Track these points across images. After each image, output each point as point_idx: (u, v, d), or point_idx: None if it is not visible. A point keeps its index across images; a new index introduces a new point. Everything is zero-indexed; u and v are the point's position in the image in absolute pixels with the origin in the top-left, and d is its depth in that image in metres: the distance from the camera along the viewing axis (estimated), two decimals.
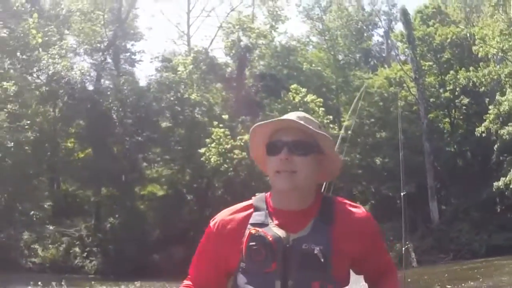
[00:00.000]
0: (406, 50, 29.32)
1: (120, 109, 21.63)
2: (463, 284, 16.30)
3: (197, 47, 25.70)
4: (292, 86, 22.89)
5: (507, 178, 22.91)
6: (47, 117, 21.69)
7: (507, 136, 23.46)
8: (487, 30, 24.93)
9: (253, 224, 2.12)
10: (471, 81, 25.95)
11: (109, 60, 24.31)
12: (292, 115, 2.18)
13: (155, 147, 23.69)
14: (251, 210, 2.20)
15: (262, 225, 2.11)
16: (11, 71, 19.44)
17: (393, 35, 32.64)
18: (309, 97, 21.67)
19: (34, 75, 21.09)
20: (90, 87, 21.48)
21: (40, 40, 19.69)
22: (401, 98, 29.26)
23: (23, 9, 20.17)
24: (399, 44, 31.11)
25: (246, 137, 20.27)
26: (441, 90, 28.63)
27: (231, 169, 20.02)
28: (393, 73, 29.77)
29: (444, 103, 29.00)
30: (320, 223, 2.10)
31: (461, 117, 29.27)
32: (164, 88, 21.94)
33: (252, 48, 23.55)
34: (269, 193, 2.23)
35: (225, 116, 19.74)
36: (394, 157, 26.78)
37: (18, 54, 19.61)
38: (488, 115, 24.45)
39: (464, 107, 28.64)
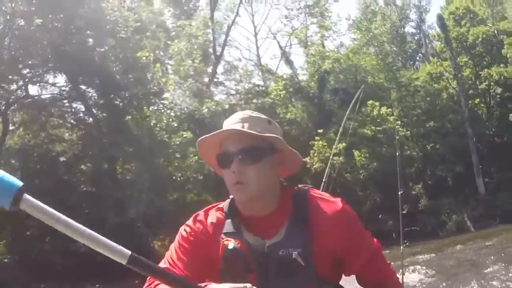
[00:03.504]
0: (444, 49, 34.35)
1: None
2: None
3: (286, 74, 31.41)
4: (369, 102, 27.32)
5: None
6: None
7: None
8: None
9: (226, 234, 2.04)
10: (502, 76, 31.03)
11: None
12: (236, 117, 2.10)
13: None
14: (224, 216, 2.12)
15: (235, 234, 2.03)
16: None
17: (431, 35, 37.95)
18: (383, 110, 26.99)
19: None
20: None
21: (171, 88, 25.12)
22: (443, 91, 34.64)
23: (148, 61, 25.29)
24: (436, 43, 36.16)
25: (340, 145, 25.49)
26: (477, 82, 32.96)
27: (333, 172, 25.04)
28: (434, 69, 34.71)
29: (481, 93, 33.38)
30: (295, 224, 2.01)
31: (496, 104, 33.53)
32: (262, 109, 27.05)
33: (330, 72, 29.06)
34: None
35: (320, 130, 24.73)
36: (442, 143, 31.82)
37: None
38: None
39: (498, 96, 33.13)
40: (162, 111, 24.67)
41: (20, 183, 1.38)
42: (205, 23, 30.52)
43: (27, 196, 1.39)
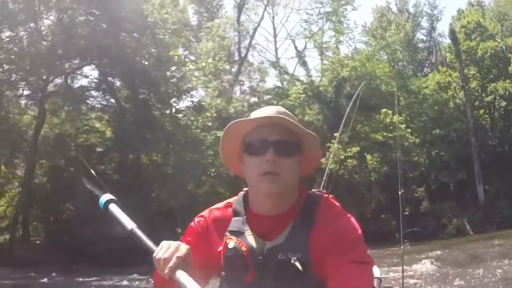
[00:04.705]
0: (453, 60, 35.91)
1: None
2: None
3: (307, 79, 33.23)
4: (383, 111, 29.03)
5: None
6: None
7: None
8: None
9: (231, 232, 2.04)
10: (507, 91, 32.76)
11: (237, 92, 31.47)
12: (271, 110, 2.06)
13: None
14: (231, 213, 2.11)
15: (239, 233, 2.02)
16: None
17: (442, 45, 39.61)
18: (395, 118, 28.62)
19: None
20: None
21: (198, 84, 26.74)
22: (450, 100, 36.25)
23: (179, 60, 26.85)
24: (447, 54, 37.76)
25: (354, 149, 27.15)
26: (483, 94, 34.57)
27: (346, 173, 27.29)
28: (442, 78, 36.32)
29: (486, 105, 34.98)
30: (298, 228, 1.97)
31: (500, 116, 35.13)
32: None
33: (347, 79, 30.85)
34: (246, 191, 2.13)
35: (336, 134, 26.19)
36: (447, 150, 33.15)
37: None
38: None
39: (502, 109, 34.70)
40: (192, 110, 26.23)
41: (110, 197, 2.26)
42: (230, 25, 32.10)
43: (113, 204, 2.22)
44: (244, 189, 2.17)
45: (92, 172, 2.47)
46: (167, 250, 1.84)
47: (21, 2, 24.16)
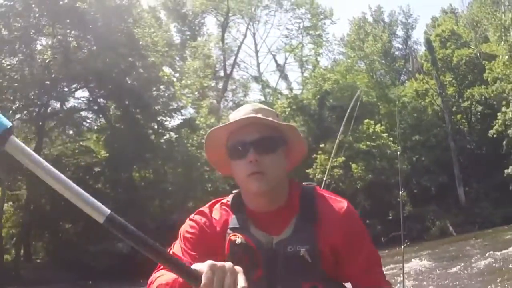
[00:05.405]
0: (430, 67, 37.27)
1: None
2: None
3: (290, 92, 34.43)
4: (366, 121, 30.14)
5: None
6: None
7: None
8: (496, 63, 32.85)
9: (233, 229, 2.01)
10: (483, 96, 34.12)
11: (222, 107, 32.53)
12: (246, 109, 2.07)
13: None
14: (229, 211, 2.08)
15: (242, 229, 2.00)
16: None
17: (419, 57, 41.05)
18: (377, 127, 29.88)
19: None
20: None
21: (189, 103, 27.80)
22: (428, 107, 37.42)
23: (168, 80, 27.86)
24: (423, 62, 38.94)
25: (340, 159, 28.24)
26: (460, 100, 35.98)
27: (333, 182, 28.17)
28: (420, 86, 37.67)
29: (463, 111, 36.39)
30: (303, 221, 1.99)
31: (476, 120, 36.65)
32: None
33: (330, 92, 32.08)
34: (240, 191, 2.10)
35: (322, 145, 27.52)
36: (427, 155, 34.35)
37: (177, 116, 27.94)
38: (497, 120, 31.74)
39: (478, 113, 36.12)
40: (187, 129, 27.18)
41: (8, 124, 1.20)
42: (214, 44, 33.26)
43: (13, 138, 1.22)
44: (234, 191, 2.17)
45: None
46: (224, 276, 1.38)
47: (15, 30, 24.87)
